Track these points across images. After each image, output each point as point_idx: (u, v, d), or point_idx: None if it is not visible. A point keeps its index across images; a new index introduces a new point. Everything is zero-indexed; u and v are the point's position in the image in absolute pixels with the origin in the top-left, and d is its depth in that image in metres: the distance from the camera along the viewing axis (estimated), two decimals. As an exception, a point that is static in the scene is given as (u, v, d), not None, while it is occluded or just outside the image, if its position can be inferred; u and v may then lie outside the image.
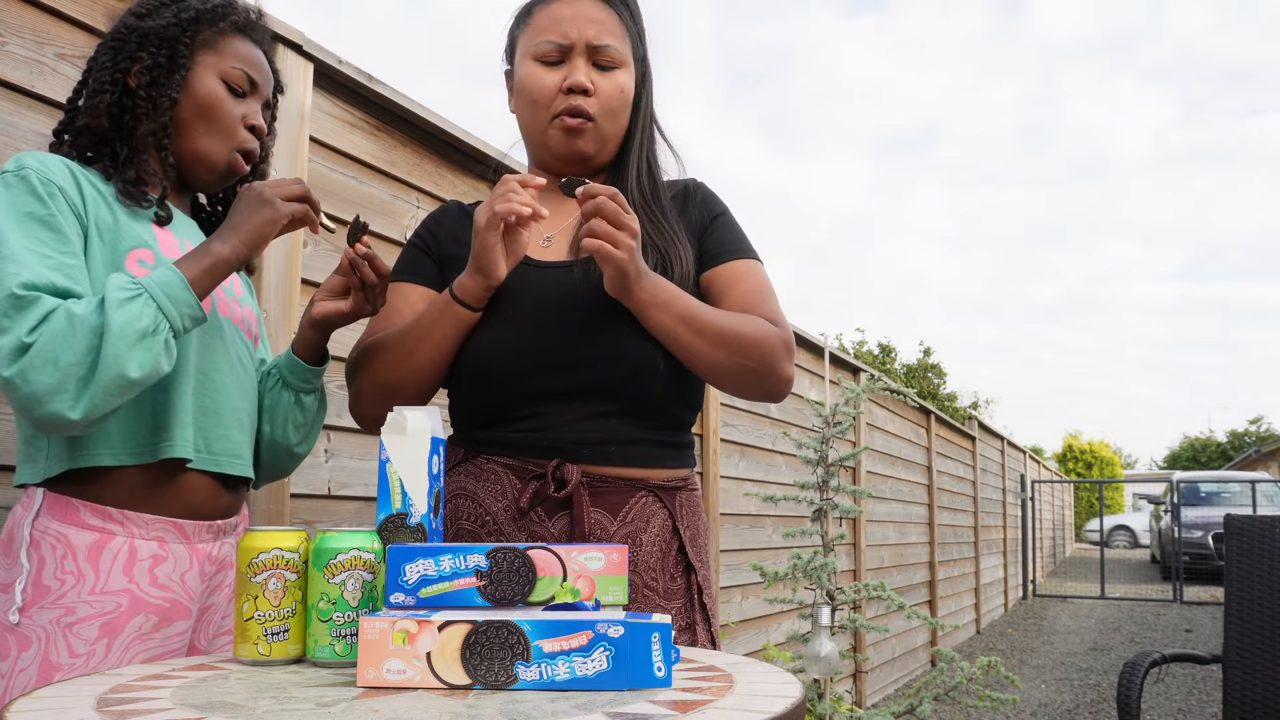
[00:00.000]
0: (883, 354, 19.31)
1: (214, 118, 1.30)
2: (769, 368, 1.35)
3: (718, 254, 1.43)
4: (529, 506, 1.31)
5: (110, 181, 1.26)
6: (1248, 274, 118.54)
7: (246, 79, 1.33)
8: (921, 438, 7.61)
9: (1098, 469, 33.52)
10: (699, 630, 1.37)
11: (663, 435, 1.38)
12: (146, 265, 1.22)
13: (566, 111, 1.38)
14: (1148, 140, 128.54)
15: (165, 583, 1.22)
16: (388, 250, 2.28)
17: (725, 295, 1.40)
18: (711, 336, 1.30)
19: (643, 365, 1.32)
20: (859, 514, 3.96)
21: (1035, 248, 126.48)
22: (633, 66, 1.43)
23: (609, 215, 1.21)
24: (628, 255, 1.22)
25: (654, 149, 1.48)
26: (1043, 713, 5.70)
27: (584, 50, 1.38)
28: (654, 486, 1.36)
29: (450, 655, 0.89)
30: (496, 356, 1.33)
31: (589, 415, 1.33)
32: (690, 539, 1.39)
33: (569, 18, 1.39)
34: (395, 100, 2.27)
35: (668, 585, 1.36)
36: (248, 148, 1.34)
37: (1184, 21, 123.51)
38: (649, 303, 1.28)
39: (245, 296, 1.43)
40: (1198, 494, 15.42)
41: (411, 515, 1.07)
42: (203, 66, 1.30)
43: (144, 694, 0.87)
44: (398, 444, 1.09)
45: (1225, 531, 2.63)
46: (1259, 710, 2.43)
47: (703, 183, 1.51)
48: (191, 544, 1.25)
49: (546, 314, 1.33)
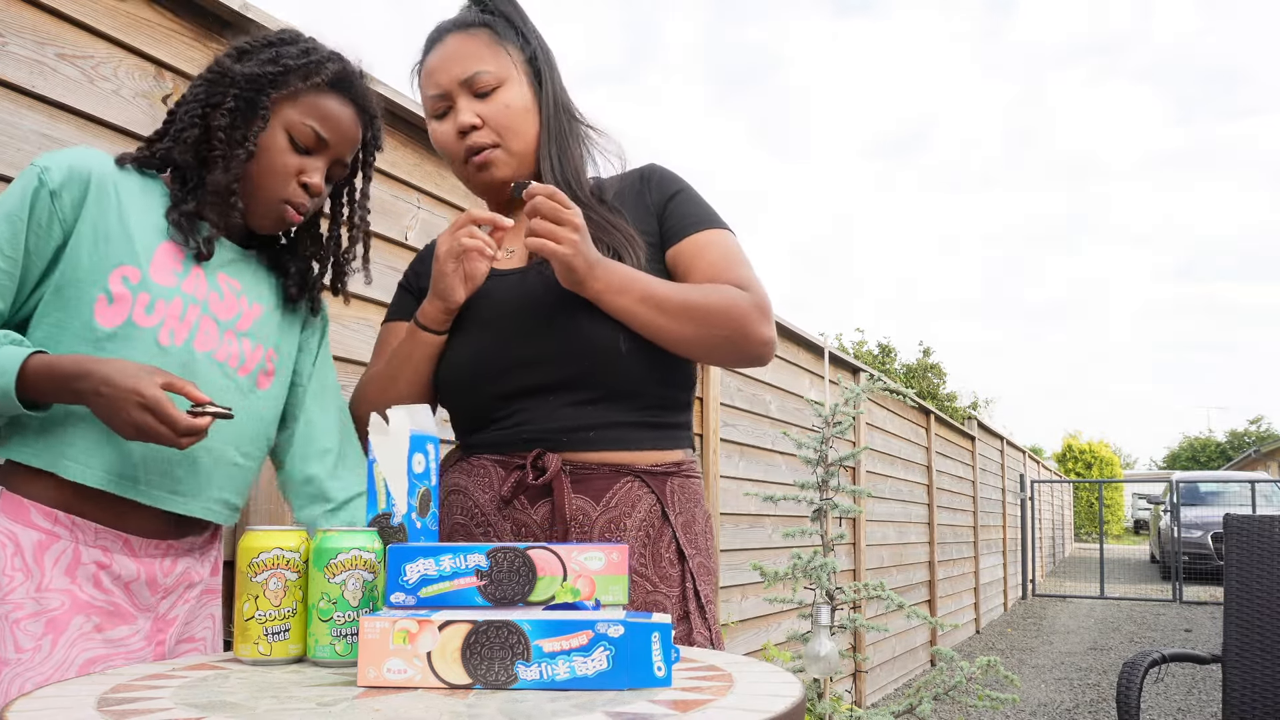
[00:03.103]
0: (882, 354, 19.30)
1: (266, 168, 1.29)
2: (741, 334, 1.35)
3: (679, 229, 1.43)
4: (511, 495, 1.34)
5: (169, 195, 1.29)
6: (1241, 275, 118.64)
7: (314, 136, 1.30)
8: (921, 438, 7.61)
9: (1097, 469, 33.50)
10: (694, 621, 1.36)
11: (645, 416, 1.39)
12: (129, 284, 1.22)
13: (467, 154, 1.43)
14: (1140, 141, 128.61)
15: (109, 587, 1.23)
16: (388, 250, 2.28)
17: (692, 269, 1.40)
18: (675, 311, 1.32)
19: (603, 351, 1.33)
20: (859, 514, 3.96)
21: (1033, 248, 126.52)
22: (519, 74, 1.44)
23: (547, 212, 1.25)
24: (571, 249, 1.25)
25: (569, 145, 1.47)
26: (1042, 712, 5.70)
27: (459, 90, 1.42)
28: (640, 472, 1.37)
29: (451, 655, 0.89)
30: (462, 367, 1.39)
31: (567, 405, 1.35)
32: (683, 525, 1.39)
33: (437, 67, 1.43)
34: (396, 100, 2.27)
35: (661, 571, 1.35)
36: (296, 201, 1.32)
37: (1173, 24, 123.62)
38: (605, 290, 1.30)
39: (260, 332, 1.36)
40: (1197, 494, 15.41)
41: (394, 515, 1.07)
42: (278, 119, 1.29)
43: (144, 693, 0.87)
44: (381, 444, 1.10)
45: (1225, 531, 2.63)
46: (1258, 710, 2.43)
47: (659, 165, 1.52)
48: (138, 556, 1.26)
49: (506, 319, 1.38)
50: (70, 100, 1.60)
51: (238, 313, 1.34)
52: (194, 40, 1.82)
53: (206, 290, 1.30)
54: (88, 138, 1.63)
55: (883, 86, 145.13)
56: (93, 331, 1.20)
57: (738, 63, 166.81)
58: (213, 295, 1.30)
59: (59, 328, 1.20)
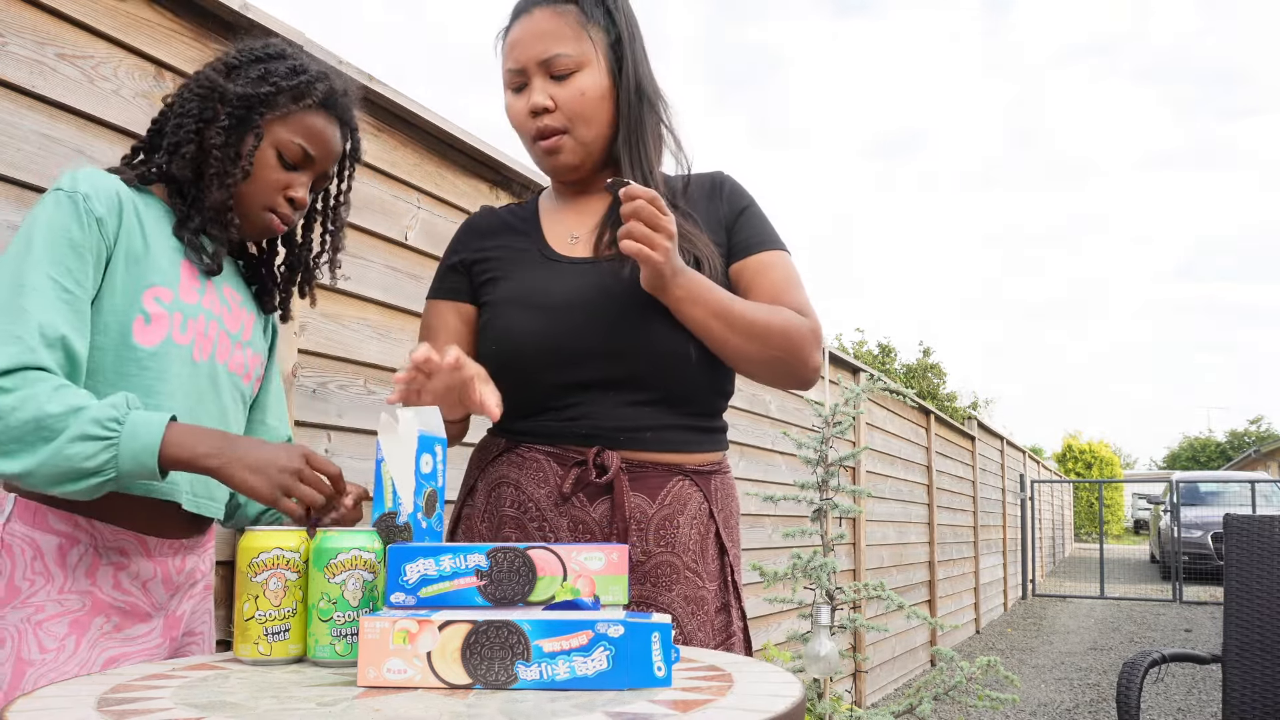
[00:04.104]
0: (882, 354, 19.31)
1: (255, 183, 1.32)
2: (798, 358, 1.39)
3: (746, 246, 1.46)
4: (571, 492, 1.35)
5: (169, 210, 1.31)
6: (1241, 275, 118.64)
7: (302, 153, 1.33)
8: (921, 438, 7.61)
9: (1097, 469, 33.51)
10: (733, 611, 1.43)
11: (695, 421, 1.42)
12: (162, 304, 1.25)
13: (536, 135, 1.42)
14: (1140, 140, 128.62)
15: (127, 587, 1.26)
16: (388, 250, 2.29)
17: (754, 286, 1.43)
18: (743, 329, 1.35)
19: (676, 356, 1.36)
20: (859, 514, 3.96)
21: (1033, 248, 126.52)
22: (599, 60, 1.41)
23: (646, 217, 1.25)
24: (664, 256, 1.27)
25: (647, 136, 1.44)
26: (1042, 712, 5.70)
27: (537, 69, 1.40)
28: (689, 471, 1.41)
29: (450, 655, 0.89)
30: (524, 348, 1.38)
31: (625, 404, 1.37)
32: (724, 521, 1.44)
33: (518, 41, 1.41)
34: (396, 101, 2.27)
35: (706, 567, 1.41)
36: (282, 213, 1.35)
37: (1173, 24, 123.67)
38: (684, 299, 1.32)
39: (255, 339, 1.42)
40: (1197, 494, 15.42)
41: (400, 514, 1.08)
42: (269, 137, 1.32)
43: (144, 693, 0.87)
44: (390, 443, 1.10)
45: (1225, 531, 2.63)
46: (1258, 710, 2.43)
47: (730, 175, 1.54)
48: (153, 557, 1.28)
49: (579, 308, 1.37)
50: (70, 100, 1.60)
51: (241, 323, 1.38)
52: (194, 40, 1.82)
53: (220, 305, 1.34)
54: (88, 138, 1.63)
55: (883, 86, 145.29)
56: (134, 351, 1.23)
57: (738, 62, 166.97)
58: (224, 310, 1.35)
59: (98, 350, 1.22)
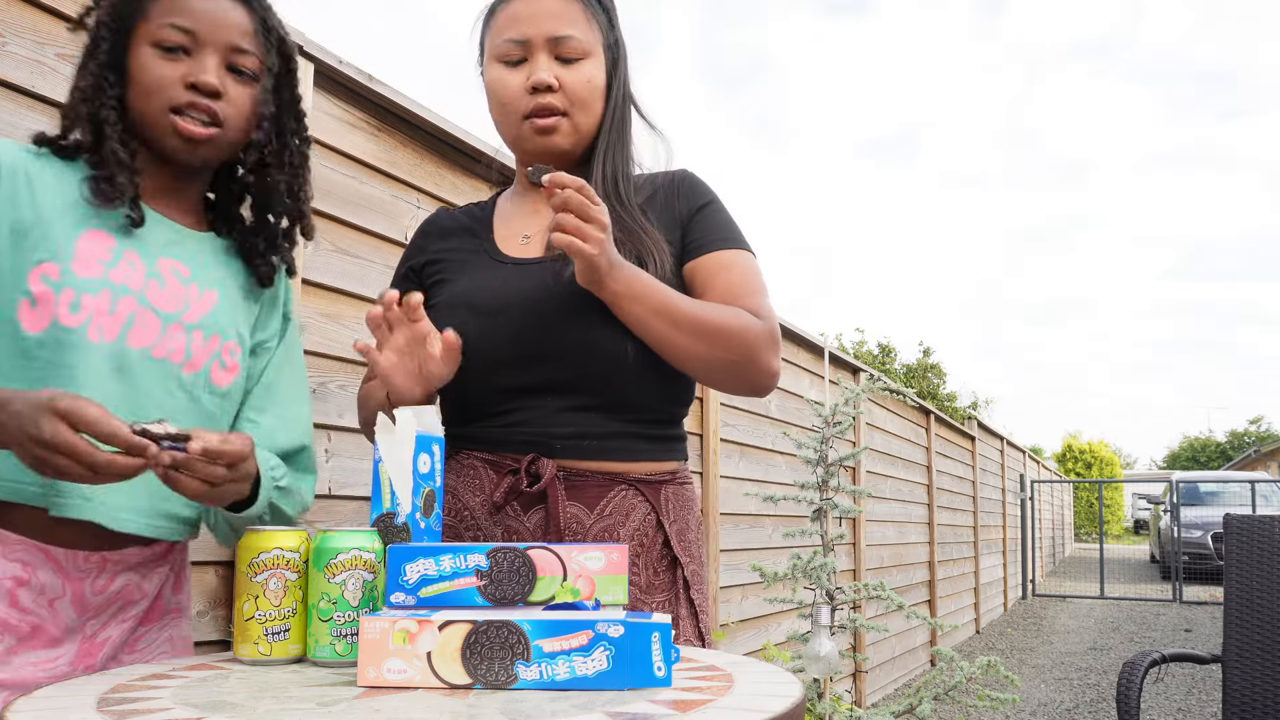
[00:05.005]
0: (882, 354, 19.31)
1: (139, 83, 1.17)
2: (750, 360, 1.32)
3: (701, 244, 1.39)
4: (504, 501, 1.31)
5: (83, 168, 1.18)
6: (1241, 275, 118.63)
7: (180, 32, 1.17)
8: (921, 438, 7.61)
9: (1097, 469, 33.50)
10: (684, 624, 1.35)
11: (644, 429, 1.36)
12: (49, 281, 1.10)
13: (534, 112, 1.36)
14: (1139, 140, 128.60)
15: (27, 605, 1.11)
16: (388, 249, 2.28)
17: (709, 287, 1.37)
18: (688, 328, 1.28)
19: (617, 358, 1.31)
20: (859, 514, 3.96)
21: (1033, 248, 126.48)
22: (601, 54, 1.40)
23: (576, 208, 1.20)
24: (596, 248, 1.20)
25: (625, 143, 1.44)
26: (1042, 712, 5.70)
27: (544, 45, 1.36)
28: (635, 480, 1.34)
29: (450, 655, 0.89)
30: (466, 350, 1.31)
31: (566, 409, 1.32)
32: (678, 533, 1.37)
33: (526, 14, 1.37)
34: (396, 100, 2.27)
35: (650, 579, 1.34)
36: (181, 102, 1.17)
37: (1169, 24, 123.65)
38: (622, 295, 1.26)
39: (216, 323, 1.24)
40: (1197, 494, 15.42)
41: (398, 514, 1.08)
42: (139, 40, 1.18)
43: (144, 694, 0.87)
44: (387, 444, 1.10)
45: (1225, 531, 2.63)
46: (1258, 710, 2.43)
47: (692, 172, 1.48)
48: (65, 572, 1.13)
49: (516, 310, 1.33)
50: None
51: (184, 303, 1.21)
52: (194, 40, 1.81)
53: (143, 279, 1.17)
54: (88, 138, 1.63)
55: (882, 86, 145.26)
56: (21, 341, 1.09)
57: (733, 62, 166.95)
58: (151, 284, 1.18)
59: None
